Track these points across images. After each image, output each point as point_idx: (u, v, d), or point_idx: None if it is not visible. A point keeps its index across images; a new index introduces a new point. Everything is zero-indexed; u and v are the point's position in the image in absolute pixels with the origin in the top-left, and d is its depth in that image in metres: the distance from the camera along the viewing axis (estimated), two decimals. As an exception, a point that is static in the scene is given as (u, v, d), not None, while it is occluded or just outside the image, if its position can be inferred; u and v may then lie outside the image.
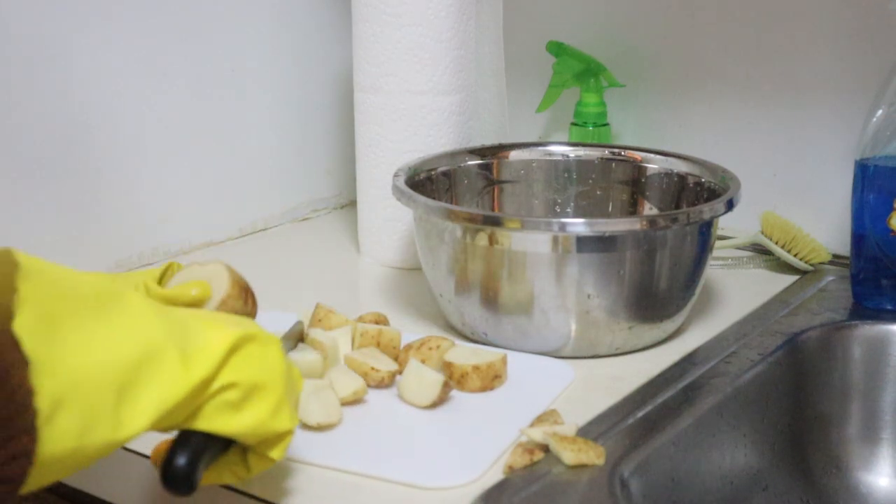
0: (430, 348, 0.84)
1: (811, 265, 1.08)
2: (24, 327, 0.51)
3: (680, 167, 1.03)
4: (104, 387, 0.54)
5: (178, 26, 1.11)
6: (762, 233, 1.10)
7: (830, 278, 1.06)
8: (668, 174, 1.04)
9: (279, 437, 0.64)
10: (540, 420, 0.76)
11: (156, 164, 1.11)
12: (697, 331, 0.95)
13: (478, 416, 0.78)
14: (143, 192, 1.11)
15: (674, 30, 1.20)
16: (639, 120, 1.25)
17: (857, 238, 0.99)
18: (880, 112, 0.95)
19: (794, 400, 0.92)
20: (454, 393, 0.81)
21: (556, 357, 0.88)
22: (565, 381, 0.84)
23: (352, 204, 1.31)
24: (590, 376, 0.86)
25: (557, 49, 1.22)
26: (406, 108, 1.07)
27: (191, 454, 0.60)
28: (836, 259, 1.09)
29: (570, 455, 0.71)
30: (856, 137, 0.98)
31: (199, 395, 0.59)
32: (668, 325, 0.92)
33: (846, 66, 1.10)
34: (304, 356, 0.80)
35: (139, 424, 0.56)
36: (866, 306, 0.99)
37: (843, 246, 1.06)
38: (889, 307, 0.98)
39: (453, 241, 0.89)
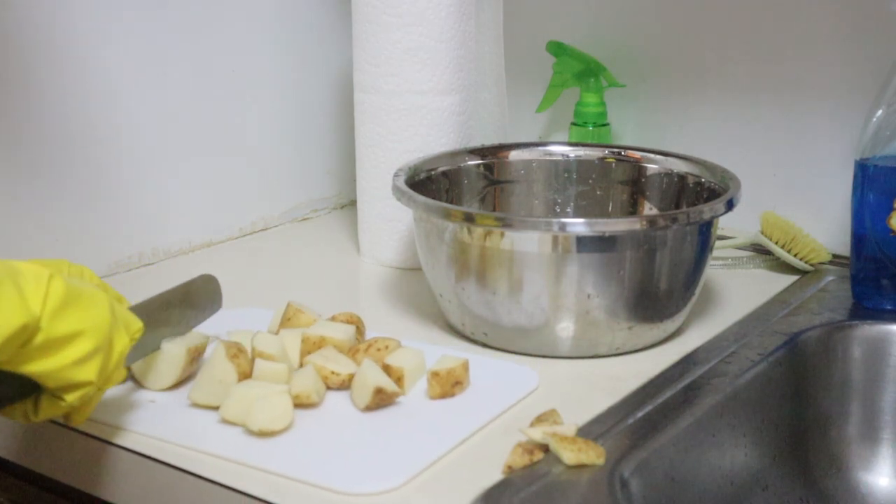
0: (378, 349, 0.83)
1: (811, 265, 1.08)
2: None
3: (680, 167, 1.03)
4: None
5: (179, 26, 1.11)
6: (762, 233, 1.10)
7: (830, 278, 1.06)
8: (668, 174, 1.04)
9: (78, 385, 0.65)
10: (540, 420, 0.76)
11: (156, 164, 1.11)
12: (697, 331, 0.95)
13: (424, 423, 0.77)
14: (144, 191, 1.11)
15: (674, 30, 1.20)
16: (639, 120, 1.25)
17: (857, 238, 0.99)
18: (880, 112, 0.95)
19: (794, 400, 0.92)
20: (413, 398, 0.80)
21: (555, 357, 0.88)
22: (526, 389, 0.82)
23: (352, 204, 1.31)
24: (590, 376, 0.86)
25: (557, 49, 1.22)
26: (406, 108, 1.07)
27: None
28: (836, 259, 1.09)
29: (570, 455, 0.71)
30: (856, 137, 0.98)
31: (26, 333, 0.61)
32: (668, 325, 0.92)
33: (846, 66, 1.10)
34: (270, 365, 0.80)
35: None
36: (866, 306, 0.99)
37: (843, 246, 1.06)
38: (889, 307, 0.98)
39: (453, 241, 0.89)
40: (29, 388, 0.65)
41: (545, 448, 0.73)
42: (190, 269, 1.10)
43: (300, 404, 0.78)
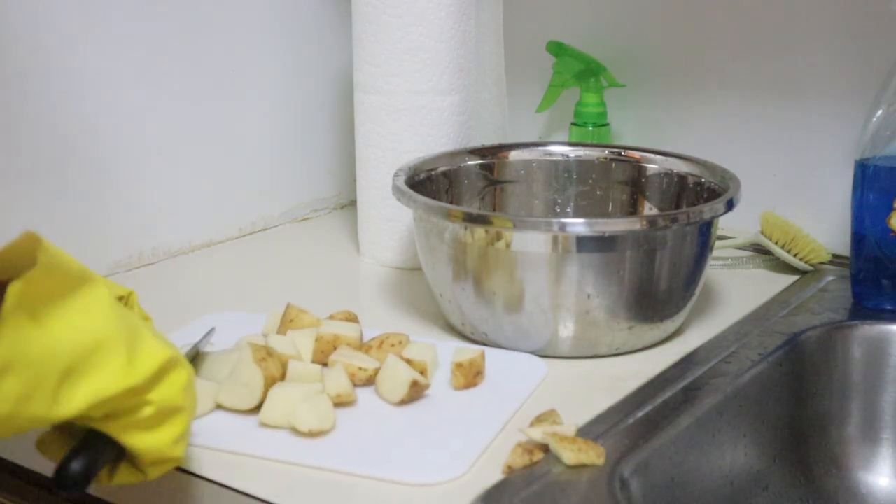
0: (392, 344, 0.84)
1: (811, 265, 1.08)
2: (14, 291, 0.56)
3: (680, 167, 1.03)
4: (53, 364, 0.57)
5: (179, 27, 1.11)
6: (762, 233, 1.10)
7: (830, 278, 1.06)
8: (668, 174, 1.04)
9: (167, 462, 0.65)
10: (540, 420, 0.76)
11: (156, 165, 1.11)
12: (697, 331, 0.95)
13: (461, 410, 0.79)
14: (143, 192, 1.11)
15: (674, 30, 1.20)
16: (639, 120, 1.25)
17: (857, 238, 0.99)
18: (880, 112, 0.95)
19: (794, 400, 0.92)
20: (438, 389, 0.81)
21: (555, 357, 0.88)
22: (540, 375, 0.85)
23: (352, 204, 1.31)
24: (590, 376, 0.86)
25: (557, 49, 1.22)
26: (406, 108, 1.07)
27: (88, 461, 0.62)
28: (836, 259, 1.09)
29: (570, 455, 0.71)
30: (856, 137, 0.98)
31: (133, 396, 0.61)
32: (668, 325, 0.92)
33: (846, 66, 1.10)
34: (304, 366, 0.80)
35: (74, 407, 0.59)
36: (866, 306, 0.99)
37: (843, 246, 1.06)
38: (889, 307, 0.98)
39: (453, 241, 0.89)
40: (114, 454, 0.65)
41: (545, 448, 0.73)
42: (190, 269, 1.11)
43: (340, 403, 0.78)
